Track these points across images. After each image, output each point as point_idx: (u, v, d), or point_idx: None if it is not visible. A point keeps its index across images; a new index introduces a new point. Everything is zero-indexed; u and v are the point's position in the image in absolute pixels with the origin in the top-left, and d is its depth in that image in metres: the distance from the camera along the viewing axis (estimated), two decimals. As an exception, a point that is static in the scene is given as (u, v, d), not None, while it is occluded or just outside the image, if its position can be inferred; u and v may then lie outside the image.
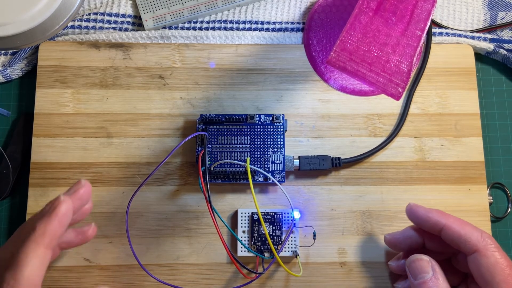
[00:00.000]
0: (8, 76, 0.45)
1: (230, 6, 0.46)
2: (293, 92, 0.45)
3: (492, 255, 0.32)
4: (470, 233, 0.34)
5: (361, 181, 0.43)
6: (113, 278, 0.41)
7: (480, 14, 0.47)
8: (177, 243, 0.42)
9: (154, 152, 0.43)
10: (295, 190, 0.43)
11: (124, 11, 0.46)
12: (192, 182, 0.43)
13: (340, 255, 0.42)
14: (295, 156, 0.42)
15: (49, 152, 0.43)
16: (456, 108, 0.45)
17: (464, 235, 0.34)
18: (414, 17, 0.38)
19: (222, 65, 0.45)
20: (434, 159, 0.44)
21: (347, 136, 0.44)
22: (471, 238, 0.33)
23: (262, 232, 0.41)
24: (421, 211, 0.37)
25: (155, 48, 0.45)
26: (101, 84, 0.44)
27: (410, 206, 0.37)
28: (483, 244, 0.33)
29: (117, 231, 0.42)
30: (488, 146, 0.45)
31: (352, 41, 0.37)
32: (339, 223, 0.42)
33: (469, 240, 0.33)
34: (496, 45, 0.46)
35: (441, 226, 0.35)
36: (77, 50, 0.45)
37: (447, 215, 0.35)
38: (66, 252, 0.41)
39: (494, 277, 0.32)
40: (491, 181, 0.45)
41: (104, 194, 0.42)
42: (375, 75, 0.36)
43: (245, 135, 0.42)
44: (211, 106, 0.44)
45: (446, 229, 0.35)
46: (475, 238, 0.33)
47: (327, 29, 0.46)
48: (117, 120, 0.44)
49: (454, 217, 0.35)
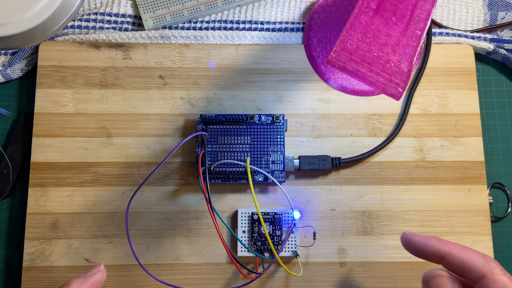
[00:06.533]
0: (8, 76, 0.45)
1: (230, 6, 0.46)
2: (293, 92, 0.45)
3: (500, 279, 0.30)
4: (473, 259, 0.31)
5: (361, 181, 0.43)
6: (113, 278, 0.41)
7: (480, 14, 0.47)
8: (177, 243, 0.42)
9: (154, 152, 0.43)
10: (295, 190, 0.43)
11: (124, 11, 0.46)
12: (192, 182, 0.43)
13: (340, 255, 0.42)
14: (295, 156, 0.42)
15: (49, 152, 0.43)
16: (456, 108, 0.45)
17: (467, 262, 0.31)
18: (414, 17, 0.38)
19: (222, 65, 0.45)
20: (434, 159, 0.44)
21: (347, 136, 0.44)
22: (475, 264, 0.31)
23: (262, 232, 0.41)
24: (417, 241, 0.33)
25: (155, 48, 0.45)
26: (101, 84, 0.44)
27: (406, 236, 0.34)
28: (488, 268, 0.31)
29: (117, 231, 0.42)
30: (488, 146, 0.45)
31: (352, 41, 0.37)
32: (339, 223, 0.42)
33: (473, 266, 0.31)
34: (496, 45, 0.46)
35: (442, 255, 0.32)
36: (77, 50, 0.45)
37: (447, 242, 0.33)
38: (66, 252, 0.41)
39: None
40: (491, 181, 0.45)
41: (104, 194, 0.42)
42: (375, 75, 0.36)
43: (245, 135, 0.42)
44: (211, 106, 0.44)
45: (447, 258, 0.32)
46: (480, 264, 0.31)
47: (327, 29, 0.46)
48: (117, 120, 0.44)
49: (454, 244, 0.32)
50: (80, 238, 0.41)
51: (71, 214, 0.42)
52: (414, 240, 0.33)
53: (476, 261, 0.31)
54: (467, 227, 0.42)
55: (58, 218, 0.42)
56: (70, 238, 0.41)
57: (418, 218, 0.42)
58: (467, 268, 0.31)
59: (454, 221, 0.42)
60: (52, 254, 0.41)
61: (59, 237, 0.41)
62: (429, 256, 0.33)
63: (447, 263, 0.32)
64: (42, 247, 0.41)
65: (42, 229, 0.41)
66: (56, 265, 0.41)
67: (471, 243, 0.42)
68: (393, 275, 0.41)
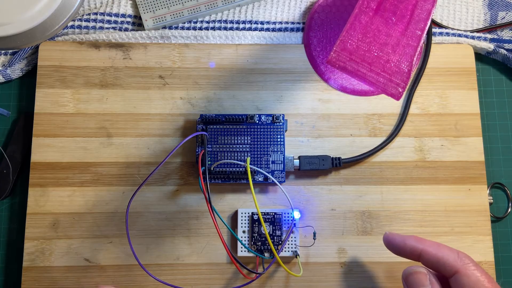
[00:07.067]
0: (8, 76, 0.45)
1: (230, 6, 0.46)
2: (293, 92, 0.45)
3: (472, 273, 0.32)
4: (447, 255, 0.33)
5: (361, 181, 0.43)
6: (113, 278, 0.41)
7: (480, 14, 0.47)
8: (177, 243, 0.42)
9: (154, 152, 0.43)
10: (295, 190, 0.43)
11: (124, 11, 0.46)
12: (192, 182, 0.43)
13: (340, 255, 0.42)
14: (295, 156, 0.42)
15: (49, 152, 0.43)
16: (456, 108, 0.45)
17: (441, 258, 0.33)
18: (414, 17, 0.38)
19: (222, 65, 0.45)
20: (434, 159, 0.43)
21: (347, 136, 0.44)
22: (448, 259, 0.33)
23: (262, 232, 0.41)
24: (397, 239, 0.36)
25: (155, 48, 0.45)
26: (101, 84, 0.44)
27: (387, 235, 0.36)
28: (461, 264, 0.33)
29: (117, 231, 0.42)
30: (488, 146, 0.45)
31: (352, 41, 0.37)
32: (339, 223, 0.42)
33: (447, 262, 0.33)
34: (496, 45, 0.46)
35: (419, 252, 0.34)
36: (77, 50, 0.45)
37: (423, 240, 0.35)
38: (66, 252, 0.41)
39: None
40: (491, 181, 0.45)
41: (104, 194, 0.42)
42: (375, 75, 0.36)
43: (245, 135, 0.42)
44: (211, 106, 0.44)
45: (423, 255, 0.34)
46: (453, 259, 0.33)
47: (327, 29, 0.46)
48: (117, 120, 0.44)
49: (430, 241, 0.35)
50: (80, 238, 0.41)
51: (71, 214, 0.42)
52: (394, 239, 0.36)
53: (450, 257, 0.33)
54: (467, 227, 0.42)
55: (58, 218, 0.42)
56: (70, 238, 0.41)
57: (418, 218, 0.42)
58: (441, 264, 0.33)
59: (454, 221, 0.42)
60: (52, 254, 0.41)
61: (59, 237, 0.41)
62: (407, 254, 0.35)
63: (424, 260, 0.34)
64: (42, 247, 0.41)
65: (42, 229, 0.41)
66: (56, 265, 0.41)
67: (471, 243, 0.42)
68: (393, 275, 0.41)
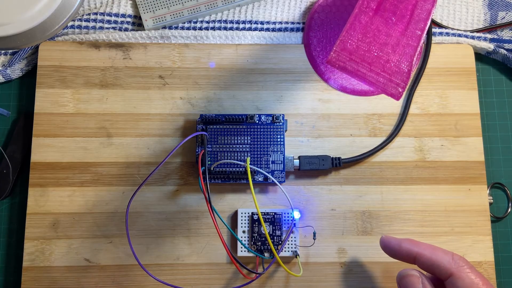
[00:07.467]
0: (8, 76, 0.45)
1: (230, 6, 0.46)
2: (293, 92, 0.45)
3: (466, 276, 0.32)
4: (442, 258, 0.33)
5: (361, 181, 0.43)
6: (113, 278, 0.41)
7: (480, 14, 0.47)
8: (177, 243, 0.42)
9: (154, 152, 0.43)
10: (295, 190, 0.43)
11: (124, 11, 0.46)
12: (192, 182, 0.43)
13: (340, 255, 0.42)
14: (295, 156, 0.42)
15: (49, 152, 0.43)
16: (456, 108, 0.45)
17: (436, 261, 0.33)
18: (414, 17, 0.38)
19: (222, 65, 0.45)
20: (434, 159, 0.43)
21: (347, 136, 0.44)
22: (443, 262, 0.33)
23: (262, 232, 0.41)
24: (393, 242, 0.36)
25: (155, 48, 0.45)
26: (101, 84, 0.44)
27: (383, 238, 0.36)
28: (455, 266, 0.33)
29: (117, 231, 0.42)
30: (488, 146, 0.45)
31: (352, 41, 0.37)
32: (339, 223, 0.42)
33: (442, 265, 0.33)
34: (496, 45, 0.46)
35: (414, 255, 0.34)
36: (77, 50, 0.45)
37: (418, 243, 0.35)
38: (66, 252, 0.41)
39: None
40: (491, 181, 0.45)
41: (104, 194, 0.42)
42: (375, 75, 0.36)
43: (245, 135, 0.42)
44: (211, 106, 0.44)
45: (418, 258, 0.34)
46: (447, 262, 0.33)
47: (327, 29, 0.46)
48: (117, 120, 0.44)
49: (425, 244, 0.35)
50: (80, 238, 0.41)
51: (71, 214, 0.42)
52: (389, 242, 0.36)
53: (444, 260, 0.33)
54: (467, 227, 0.42)
55: (58, 218, 0.42)
56: (70, 238, 0.41)
57: (418, 218, 0.42)
58: (436, 267, 0.33)
59: (454, 221, 0.42)
60: (52, 254, 0.41)
61: (59, 237, 0.41)
62: (403, 257, 0.35)
63: (419, 263, 0.34)
64: (42, 247, 0.41)
65: (42, 229, 0.41)
66: (56, 265, 0.41)
67: (471, 243, 0.42)
68: (393, 275, 0.41)
